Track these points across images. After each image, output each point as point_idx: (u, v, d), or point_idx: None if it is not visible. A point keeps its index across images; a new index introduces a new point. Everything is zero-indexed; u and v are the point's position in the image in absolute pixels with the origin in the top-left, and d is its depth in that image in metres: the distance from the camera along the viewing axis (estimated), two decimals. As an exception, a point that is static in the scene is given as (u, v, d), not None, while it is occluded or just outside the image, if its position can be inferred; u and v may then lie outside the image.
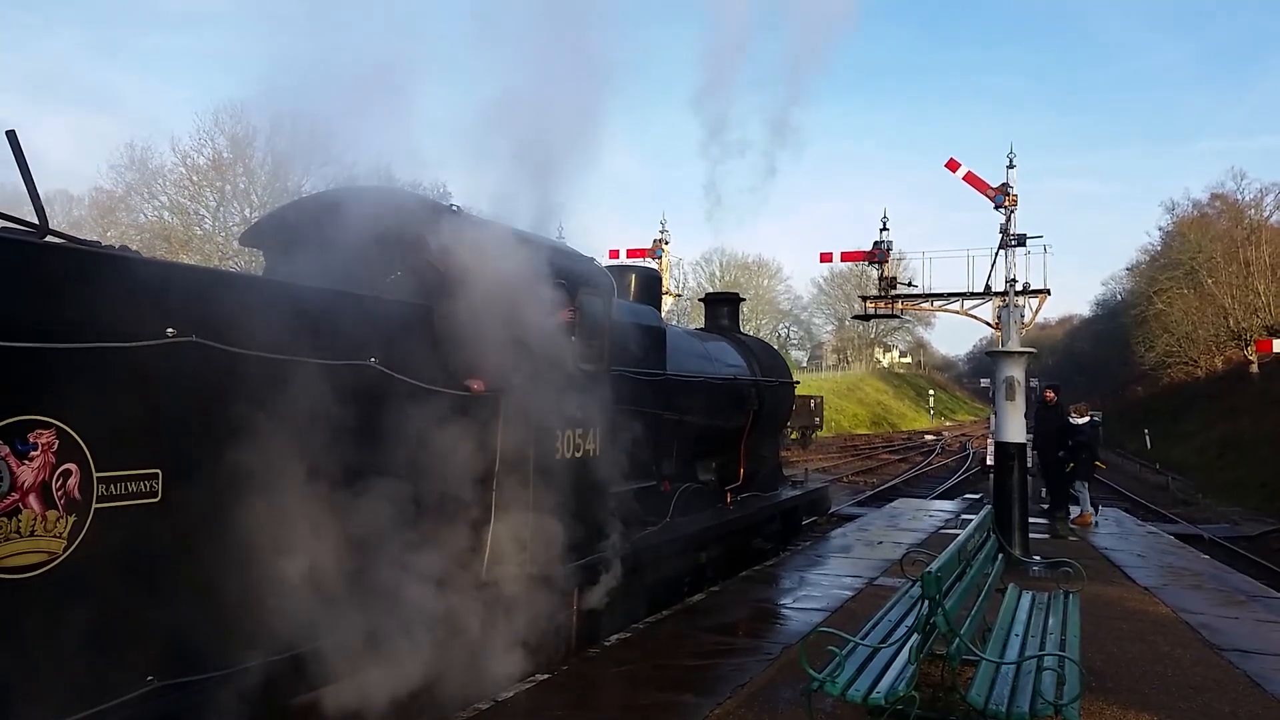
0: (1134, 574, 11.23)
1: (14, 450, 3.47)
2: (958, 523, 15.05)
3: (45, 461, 3.56)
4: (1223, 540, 17.60)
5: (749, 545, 11.77)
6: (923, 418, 75.37)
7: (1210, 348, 49.62)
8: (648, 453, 8.99)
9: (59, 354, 3.60)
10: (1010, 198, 12.80)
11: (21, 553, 3.49)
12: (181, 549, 4.12)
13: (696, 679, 6.67)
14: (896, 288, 16.17)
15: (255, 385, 4.39)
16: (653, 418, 9.08)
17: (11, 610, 3.45)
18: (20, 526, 3.49)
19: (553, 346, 6.70)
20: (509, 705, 5.99)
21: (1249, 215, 50.22)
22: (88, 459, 3.70)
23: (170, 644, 4.04)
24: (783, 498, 12.97)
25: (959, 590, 5.55)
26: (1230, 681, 6.90)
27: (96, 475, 3.73)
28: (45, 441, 3.57)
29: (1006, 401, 11.74)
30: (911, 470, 32.57)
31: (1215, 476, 32.00)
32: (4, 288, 3.51)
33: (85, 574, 3.68)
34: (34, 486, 3.53)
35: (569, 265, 7.35)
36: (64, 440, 3.61)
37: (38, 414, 3.54)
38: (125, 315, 3.88)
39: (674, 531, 9.19)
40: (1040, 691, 4.75)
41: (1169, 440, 40.40)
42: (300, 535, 4.63)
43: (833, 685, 4.72)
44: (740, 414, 11.65)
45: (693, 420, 10.19)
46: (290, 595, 4.54)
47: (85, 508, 3.69)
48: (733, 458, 11.70)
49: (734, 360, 12.01)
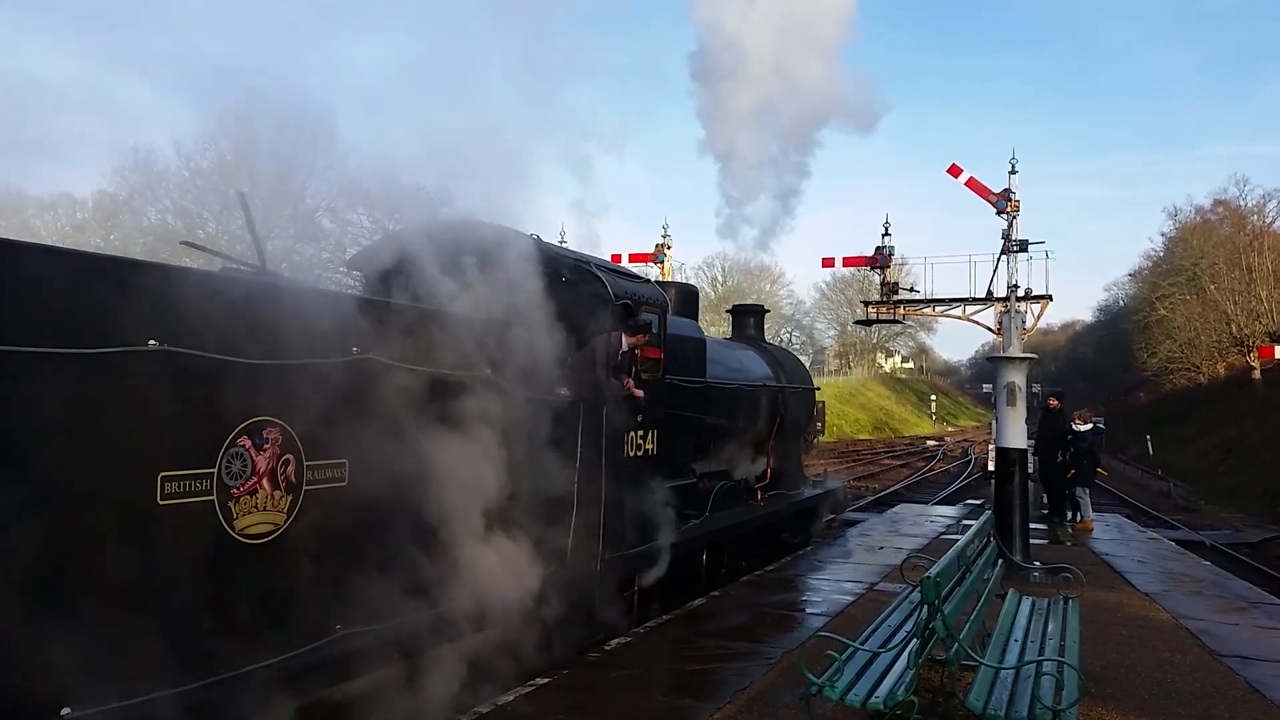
0: (1134, 580, 11.23)
1: (254, 443, 4.43)
2: (958, 528, 15.04)
3: (274, 452, 4.53)
4: (1224, 546, 17.58)
5: (778, 538, 12.74)
6: (924, 423, 75.26)
7: (1212, 354, 49.51)
8: (690, 453, 10.11)
9: (280, 369, 4.54)
10: (1012, 203, 12.81)
11: (258, 523, 4.45)
12: (361, 523, 5.07)
13: (697, 683, 6.68)
14: (899, 293, 16.18)
15: (413, 392, 5.38)
16: (695, 421, 10.03)
17: (251, 567, 4.40)
18: (257, 503, 4.45)
19: (621, 358, 7.79)
20: (509, 709, 6.01)
21: (1252, 221, 50.08)
22: (300, 451, 4.67)
23: (353, 600, 4.98)
24: (805, 496, 13.77)
25: (958, 595, 5.56)
26: (1230, 688, 6.91)
27: (306, 464, 4.71)
28: (274, 437, 4.53)
29: (1008, 407, 11.75)
30: (913, 476, 32.53)
31: (1217, 482, 31.93)
32: (244, 321, 4.38)
33: (297, 541, 4.64)
34: (266, 472, 4.50)
35: (632, 287, 8.49)
36: (285, 436, 4.58)
37: (269, 415, 4.50)
38: (323, 338, 4.80)
39: (713, 524, 10.10)
40: (1039, 697, 4.76)
41: (1171, 446, 40.32)
42: (448, 511, 5.61)
43: (832, 690, 4.74)
44: (769, 418, 12.51)
45: (728, 423, 11.17)
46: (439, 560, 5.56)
47: (299, 489, 4.67)
48: (761, 458, 12.52)
49: (763, 368, 12.92)
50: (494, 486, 5.96)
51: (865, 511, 20.08)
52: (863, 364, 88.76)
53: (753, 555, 11.73)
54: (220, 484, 4.25)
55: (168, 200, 35.79)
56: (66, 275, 3.77)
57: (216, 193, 36.05)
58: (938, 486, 29.10)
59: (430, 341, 5.58)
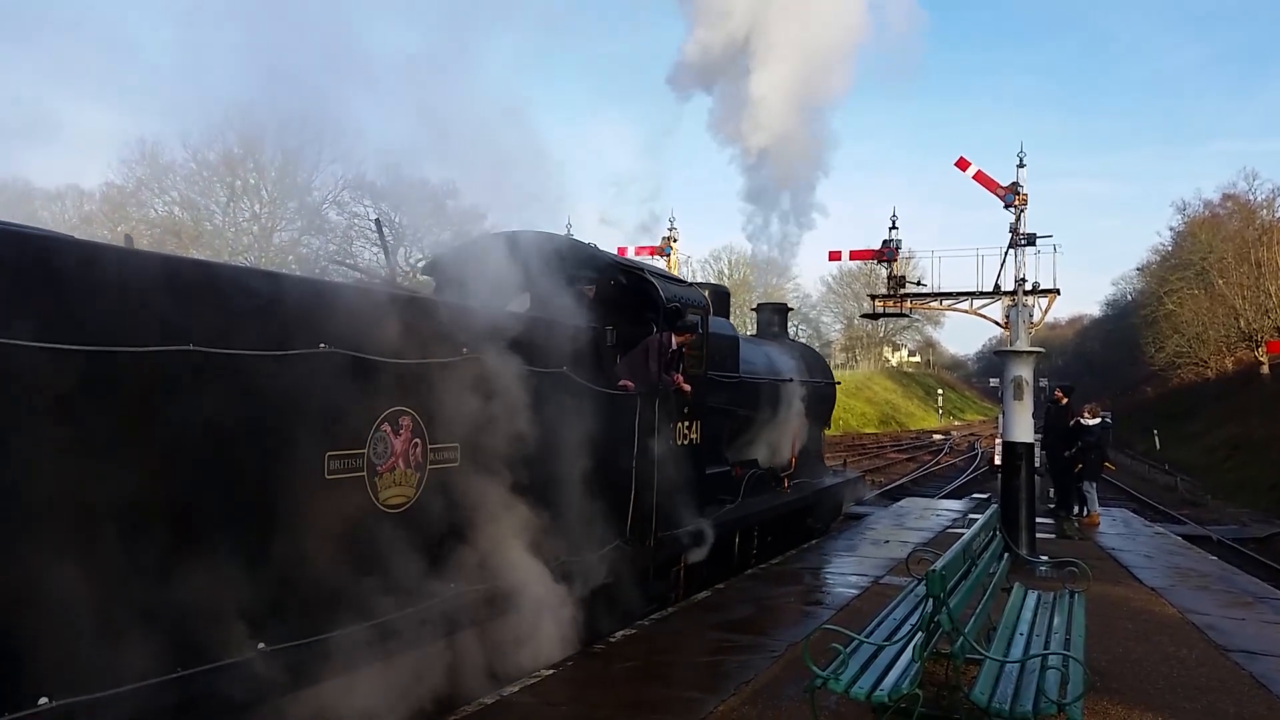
0: (1141, 574, 11.21)
1: (392, 429, 5.31)
2: (964, 522, 15.01)
3: (407, 437, 5.43)
4: (1231, 541, 17.53)
5: (803, 524, 13.56)
6: (931, 417, 75.10)
7: (1220, 349, 49.29)
8: (724, 442, 10.92)
9: (409, 367, 5.46)
10: (1020, 197, 12.74)
11: (395, 496, 5.36)
12: (470, 498, 5.93)
13: (701, 675, 6.69)
14: (905, 286, 16.14)
15: (509, 387, 6.18)
16: (729, 413, 10.86)
17: (391, 531, 5.26)
18: (395, 479, 5.34)
19: (670, 355, 8.56)
20: (514, 700, 6.02)
21: (1261, 216, 49.74)
22: (425, 436, 5.57)
23: (465, 562, 5.87)
24: (827, 484, 14.55)
25: (964, 589, 5.55)
26: (1236, 682, 6.89)
27: (430, 446, 5.61)
28: (407, 424, 5.44)
29: (1015, 401, 11.72)
30: (919, 469, 32.48)
31: (1224, 477, 31.84)
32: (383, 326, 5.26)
33: (422, 512, 5.54)
34: (401, 453, 5.39)
35: (679, 291, 9.29)
36: (415, 424, 5.49)
37: (403, 406, 5.39)
38: (441, 340, 5.75)
39: (747, 509, 10.90)
40: (1044, 690, 4.75)
41: (1178, 441, 40.21)
42: (539, 488, 6.54)
43: (836, 683, 4.73)
44: (795, 410, 13.31)
45: (758, 415, 12.02)
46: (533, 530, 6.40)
47: (424, 468, 5.57)
48: (786, 448, 13.23)
49: (789, 364, 13.75)
50: (574, 469, 6.93)
51: (871, 505, 20.06)
52: (869, 358, 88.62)
53: (780, 539, 12.40)
54: (369, 463, 5.15)
55: (174, 192, 35.84)
56: (273, 292, 4.73)
57: (223, 185, 36.12)
58: (944, 480, 29.05)
59: (520, 342, 6.39)
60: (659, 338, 8.45)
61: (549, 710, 5.87)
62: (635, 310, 8.69)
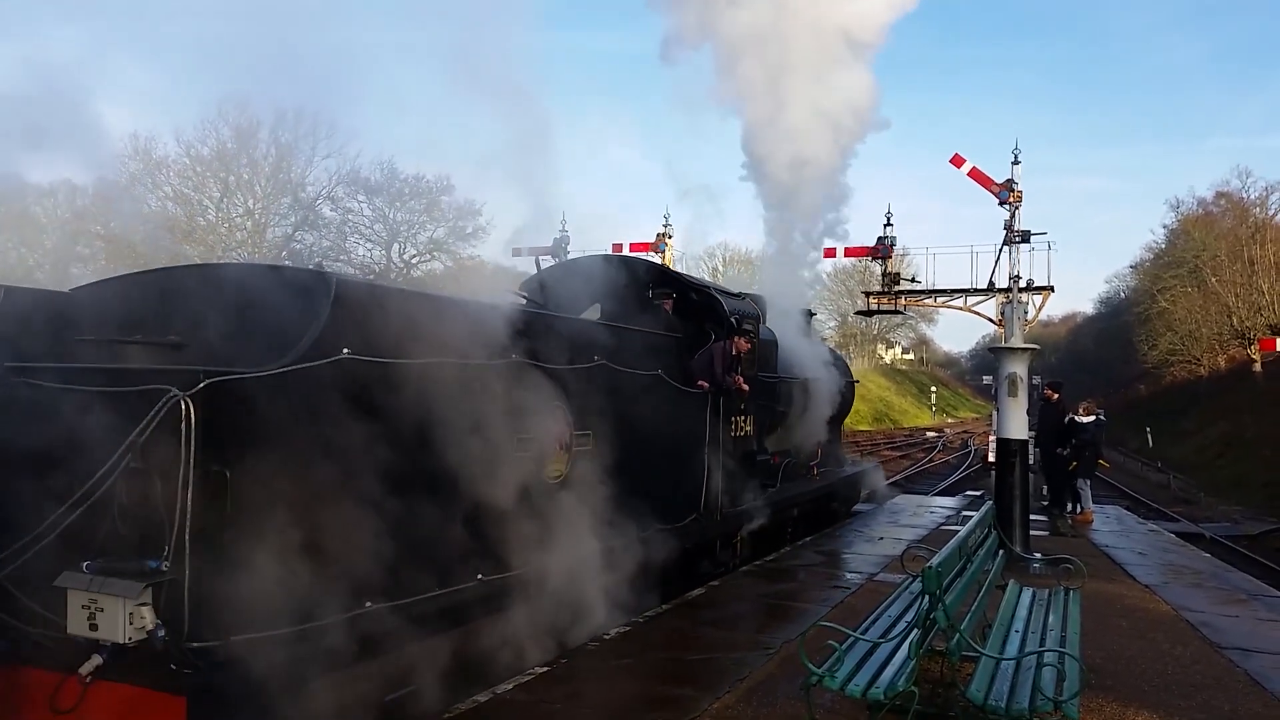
0: (1135, 571, 11.22)
1: (553, 419, 6.75)
2: (959, 519, 15.02)
3: (561, 426, 6.91)
4: (1224, 539, 17.59)
5: (829, 507, 14.83)
6: (925, 414, 75.25)
7: (1213, 346, 49.38)
8: (765, 434, 12.40)
9: (559, 370, 6.88)
10: (1015, 194, 12.77)
11: (555, 470, 6.89)
12: (600, 476, 7.28)
13: (695, 672, 6.68)
14: (900, 283, 16.16)
15: (626, 387, 7.79)
16: (770, 408, 12.41)
17: (552, 496, 6.80)
18: (554, 458, 6.85)
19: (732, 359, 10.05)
20: (507, 698, 6.00)
21: (1254, 214, 49.93)
22: (571, 425, 7.02)
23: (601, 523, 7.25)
24: (849, 472, 16.14)
25: (959, 586, 5.54)
26: (1230, 679, 6.90)
27: (573, 433, 7.06)
28: (561, 416, 6.90)
29: (1009, 398, 11.71)
30: (913, 467, 32.54)
31: (1217, 475, 31.96)
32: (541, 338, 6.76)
33: (570, 484, 7.02)
34: (558, 438, 6.88)
35: (738, 304, 10.92)
36: (564, 416, 6.95)
37: (559, 402, 6.85)
38: (581, 350, 7.28)
39: (787, 492, 12.29)
40: (1040, 687, 4.74)
41: (1171, 438, 40.33)
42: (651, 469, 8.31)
43: (831, 680, 4.72)
44: (822, 405, 14.42)
45: (793, 410, 13.39)
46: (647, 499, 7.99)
47: (570, 450, 7.04)
48: (814, 439, 14.46)
49: (817, 363, 14.68)
50: (666, 454, 8.67)
51: (865, 502, 20.06)
52: (863, 355, 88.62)
53: (809, 519, 13.65)
54: (539, 444, 6.60)
55: (168, 187, 35.68)
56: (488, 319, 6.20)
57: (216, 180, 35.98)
58: (938, 478, 29.10)
59: (627, 349, 7.94)
60: (723, 344, 9.97)
61: (544, 707, 5.84)
62: (700, 320, 10.34)
